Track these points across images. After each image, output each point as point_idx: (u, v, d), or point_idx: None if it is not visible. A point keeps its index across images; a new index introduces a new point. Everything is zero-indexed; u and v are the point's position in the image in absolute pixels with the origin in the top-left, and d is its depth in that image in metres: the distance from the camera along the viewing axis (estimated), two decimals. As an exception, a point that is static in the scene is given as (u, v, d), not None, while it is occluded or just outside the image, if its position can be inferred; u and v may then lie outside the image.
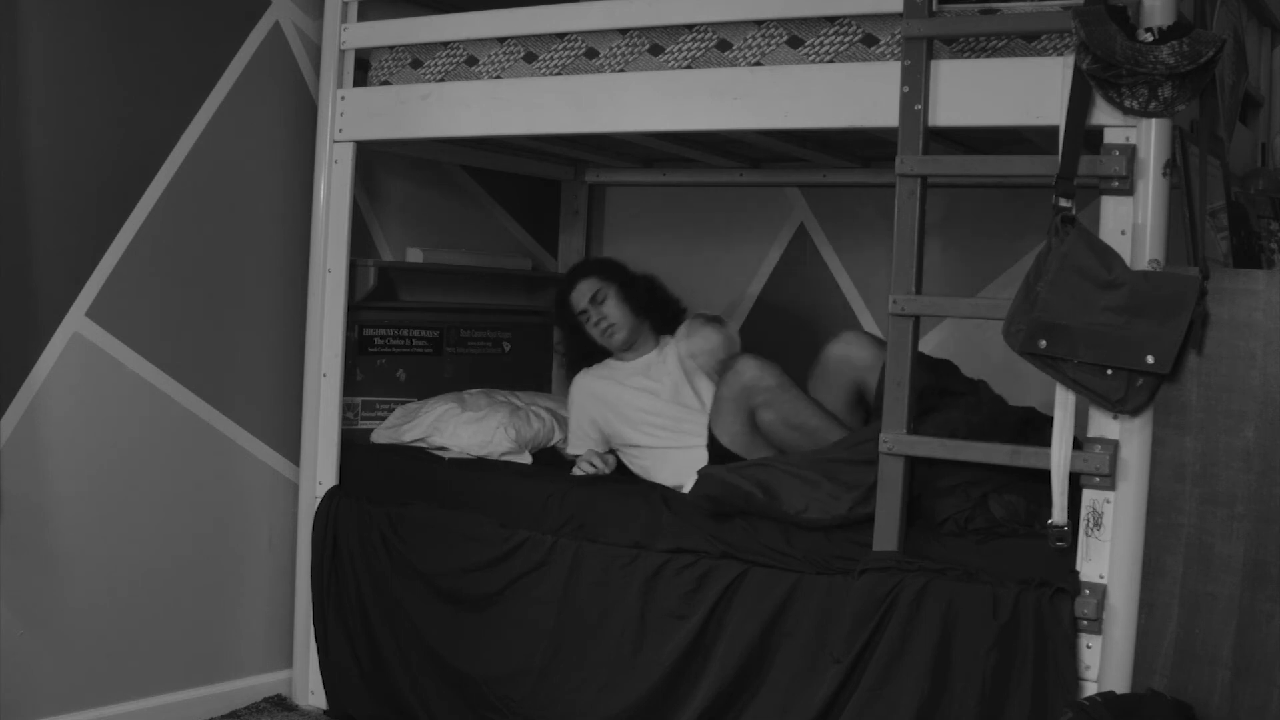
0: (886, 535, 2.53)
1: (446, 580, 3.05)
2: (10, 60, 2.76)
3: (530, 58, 2.99)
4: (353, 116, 3.25)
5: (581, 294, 3.44)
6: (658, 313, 3.49)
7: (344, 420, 3.35)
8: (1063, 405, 2.33)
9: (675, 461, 3.11)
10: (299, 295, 3.35)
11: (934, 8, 2.46)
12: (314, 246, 3.31)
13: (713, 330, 3.40)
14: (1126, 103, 2.25)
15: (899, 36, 2.49)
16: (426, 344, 3.73)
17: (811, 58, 2.64)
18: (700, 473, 2.77)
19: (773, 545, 2.69)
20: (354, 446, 3.40)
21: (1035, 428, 2.78)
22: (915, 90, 2.47)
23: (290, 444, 3.37)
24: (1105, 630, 2.32)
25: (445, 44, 3.12)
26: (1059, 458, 2.32)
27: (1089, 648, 2.34)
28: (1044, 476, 2.37)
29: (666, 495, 2.92)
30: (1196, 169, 2.40)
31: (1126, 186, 2.28)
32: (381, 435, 3.49)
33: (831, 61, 2.62)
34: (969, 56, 2.47)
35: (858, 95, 2.59)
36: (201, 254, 3.17)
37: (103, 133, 2.94)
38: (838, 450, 2.76)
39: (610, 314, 3.39)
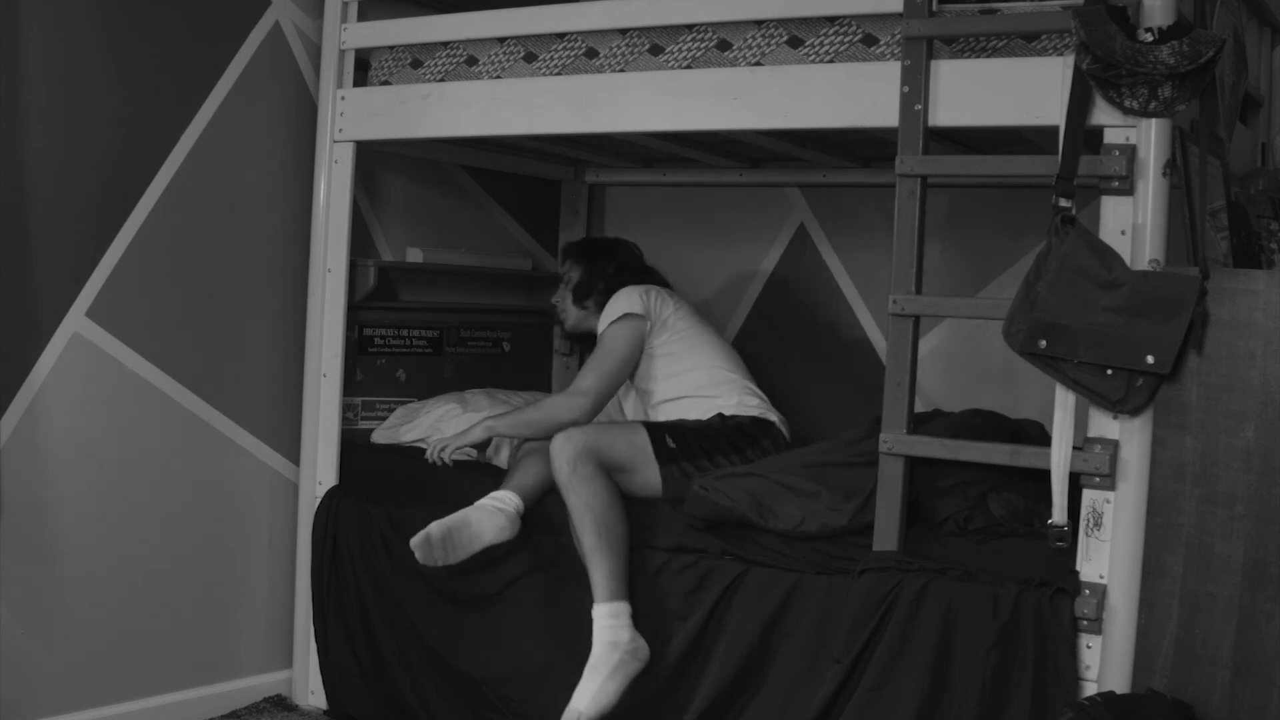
0: (886, 535, 2.53)
1: (446, 580, 3.05)
2: (10, 60, 2.76)
3: (530, 58, 2.99)
4: (353, 116, 3.25)
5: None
6: (586, 304, 3.42)
7: (344, 420, 3.35)
8: (1063, 405, 2.33)
9: None
10: (299, 295, 3.35)
11: (934, 8, 2.46)
12: (314, 246, 3.31)
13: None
14: (1126, 103, 2.25)
15: (899, 36, 2.49)
16: (426, 344, 3.73)
17: (811, 58, 2.64)
18: (690, 494, 2.76)
19: (772, 545, 2.69)
20: (354, 446, 3.40)
21: (1030, 436, 2.79)
22: (915, 90, 2.47)
23: (290, 444, 3.37)
24: (1105, 630, 2.32)
25: (445, 44, 3.12)
26: (1059, 458, 2.32)
27: (1089, 648, 2.34)
28: (1041, 476, 2.37)
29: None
30: (1196, 169, 2.40)
31: (1126, 186, 2.28)
32: (381, 435, 3.49)
33: (831, 61, 2.62)
34: (969, 56, 2.47)
35: (858, 95, 2.59)
36: (201, 254, 3.17)
37: (103, 133, 2.95)
38: (832, 453, 2.76)
39: (559, 302, 3.49)
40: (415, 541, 2.83)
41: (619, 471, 2.85)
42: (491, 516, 2.86)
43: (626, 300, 3.19)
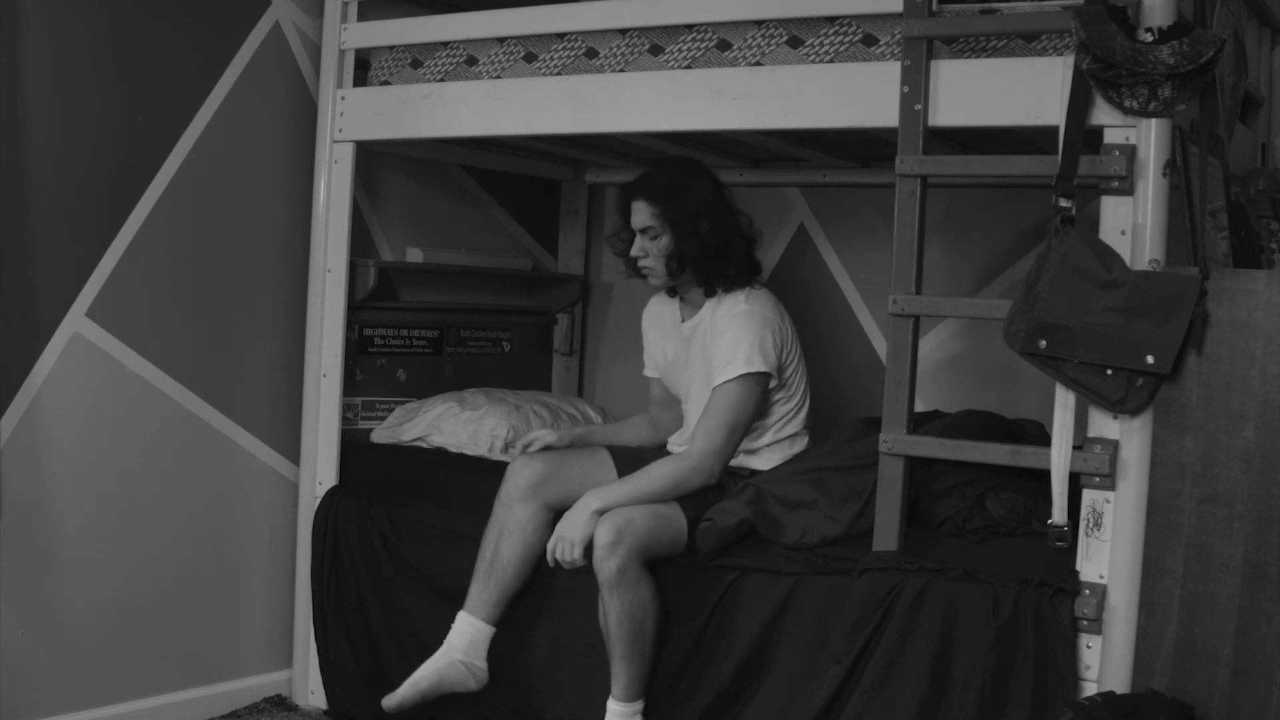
0: (886, 535, 2.53)
1: (447, 580, 3.05)
2: (11, 60, 2.75)
3: (530, 58, 2.99)
4: (353, 116, 3.25)
5: (638, 216, 2.94)
6: (712, 277, 2.95)
7: (344, 420, 3.35)
8: (1063, 405, 2.33)
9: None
10: (299, 295, 3.35)
11: (934, 8, 2.46)
12: (314, 246, 3.31)
13: None
14: (1126, 103, 2.25)
15: (899, 36, 2.49)
16: (426, 344, 3.73)
17: (811, 58, 2.64)
18: (698, 533, 2.73)
19: (772, 551, 2.68)
20: (354, 446, 3.40)
21: (1028, 436, 2.79)
22: (915, 90, 2.47)
23: (290, 444, 3.37)
24: (1105, 630, 2.32)
25: (445, 44, 3.12)
26: (1059, 457, 2.32)
27: (1089, 648, 2.34)
28: (1040, 475, 2.37)
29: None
30: (1196, 169, 2.40)
31: (1126, 186, 2.28)
32: (381, 435, 3.49)
33: (831, 61, 2.62)
34: (969, 56, 2.47)
35: (858, 95, 2.59)
36: (201, 254, 3.17)
37: (103, 133, 2.95)
38: (827, 458, 2.76)
39: (651, 261, 2.94)
40: (388, 704, 2.82)
41: (657, 556, 2.74)
42: (463, 678, 2.86)
43: (758, 348, 2.81)
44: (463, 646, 2.86)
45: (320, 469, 3.31)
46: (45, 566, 2.90)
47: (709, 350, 2.90)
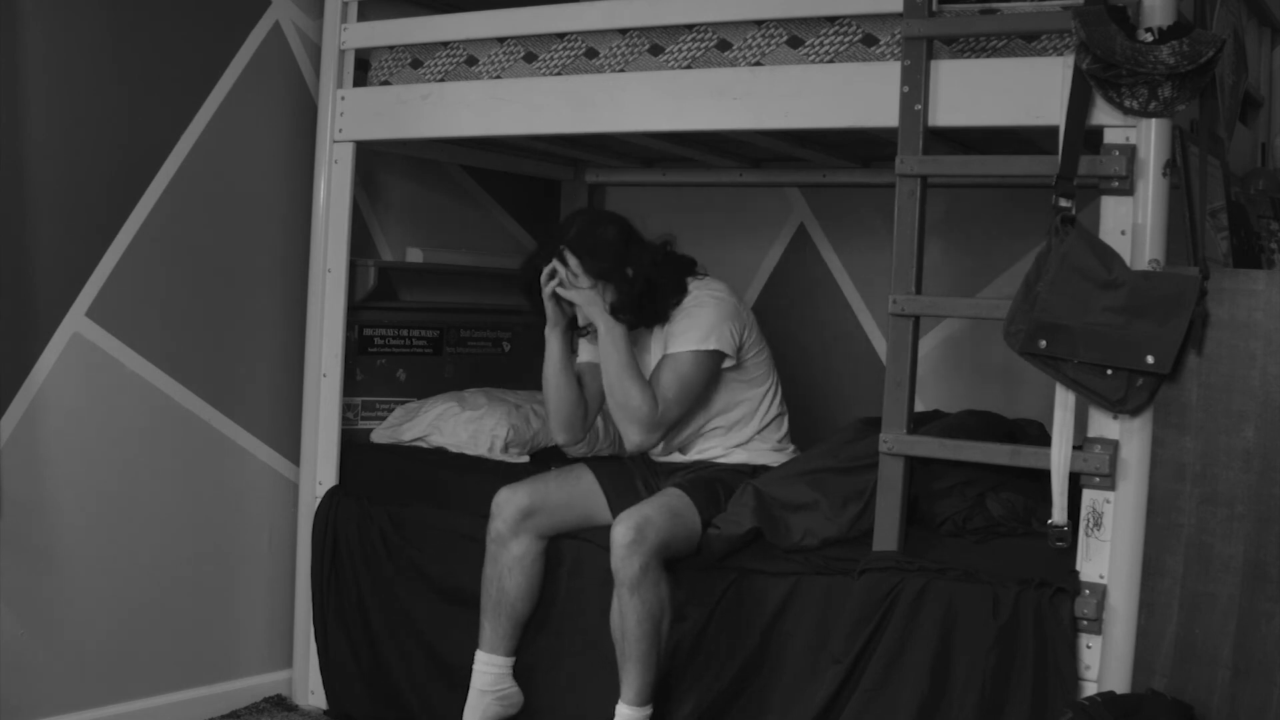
0: (886, 535, 2.53)
1: (447, 580, 3.05)
2: (11, 60, 2.76)
3: (530, 58, 2.99)
4: (353, 116, 3.25)
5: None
6: (652, 317, 2.95)
7: (344, 420, 3.35)
8: (1063, 405, 2.33)
9: None
10: (299, 295, 3.35)
11: (934, 8, 2.46)
12: (314, 246, 3.31)
13: None
14: (1126, 103, 2.25)
15: (899, 36, 2.49)
16: (426, 344, 3.73)
17: (811, 58, 2.65)
18: (706, 540, 2.74)
19: (773, 554, 2.68)
20: (354, 446, 3.40)
21: (1028, 436, 2.79)
22: (915, 90, 2.47)
23: (290, 444, 3.37)
24: (1105, 630, 2.32)
25: (445, 44, 3.12)
26: (1059, 457, 2.32)
27: (1089, 648, 2.34)
28: (1039, 475, 2.37)
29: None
30: (1196, 169, 2.40)
31: (1126, 186, 2.28)
32: (381, 435, 3.49)
33: (831, 61, 2.62)
34: (969, 56, 2.48)
35: (858, 95, 2.59)
36: (202, 254, 3.17)
37: (103, 133, 2.95)
38: (827, 458, 2.76)
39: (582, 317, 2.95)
40: None
41: (674, 555, 2.74)
42: (504, 711, 2.91)
43: (720, 329, 2.87)
44: (489, 686, 2.88)
45: (320, 469, 3.31)
46: (45, 566, 2.90)
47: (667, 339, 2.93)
